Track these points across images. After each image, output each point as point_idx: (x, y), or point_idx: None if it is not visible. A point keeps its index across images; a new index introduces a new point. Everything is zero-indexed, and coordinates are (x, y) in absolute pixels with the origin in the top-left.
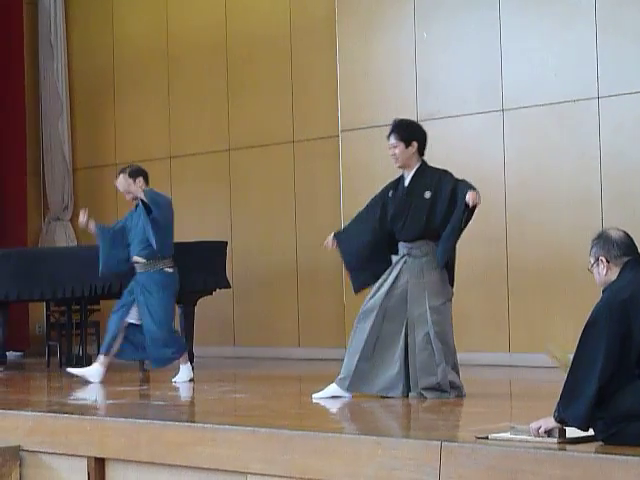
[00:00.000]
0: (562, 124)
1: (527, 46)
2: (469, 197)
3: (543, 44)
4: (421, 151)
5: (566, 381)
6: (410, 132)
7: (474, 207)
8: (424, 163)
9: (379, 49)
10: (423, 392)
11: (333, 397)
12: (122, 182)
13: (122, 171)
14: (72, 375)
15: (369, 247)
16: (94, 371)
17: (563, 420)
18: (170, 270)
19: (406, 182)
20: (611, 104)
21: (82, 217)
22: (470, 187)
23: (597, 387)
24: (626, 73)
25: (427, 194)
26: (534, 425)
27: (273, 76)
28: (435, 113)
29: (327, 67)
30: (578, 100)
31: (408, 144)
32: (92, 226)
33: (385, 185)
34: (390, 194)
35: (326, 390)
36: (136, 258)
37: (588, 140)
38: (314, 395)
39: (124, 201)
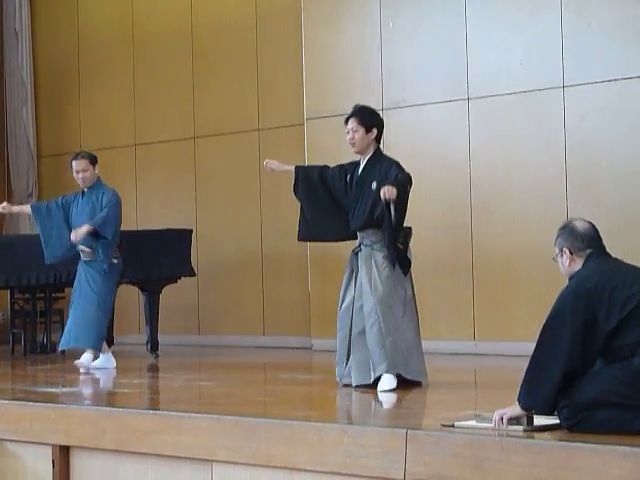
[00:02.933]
0: (527, 113)
1: (493, 35)
2: (382, 192)
3: (508, 33)
4: (378, 139)
5: (529, 367)
6: (371, 119)
7: (399, 201)
8: (378, 150)
9: (345, 38)
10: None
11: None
12: (84, 165)
13: (82, 155)
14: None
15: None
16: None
17: (527, 406)
18: (115, 261)
19: (359, 170)
20: (576, 93)
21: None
22: (393, 182)
23: (561, 374)
24: (591, 62)
25: (373, 185)
26: (500, 412)
27: (239, 64)
28: (400, 102)
29: (293, 55)
30: (544, 89)
31: (369, 130)
32: (15, 208)
33: (344, 165)
34: (348, 178)
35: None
36: (81, 247)
37: (553, 129)
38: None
39: None
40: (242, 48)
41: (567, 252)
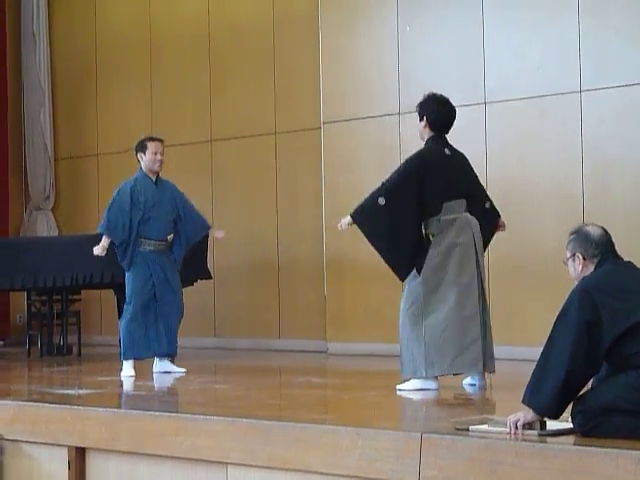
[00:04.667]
0: (544, 117)
1: (510, 39)
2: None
3: (526, 37)
4: (434, 128)
5: (536, 367)
6: (421, 107)
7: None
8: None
9: (362, 42)
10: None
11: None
12: (161, 146)
13: (159, 139)
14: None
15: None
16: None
17: (531, 404)
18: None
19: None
20: (593, 98)
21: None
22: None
23: (564, 374)
24: (608, 67)
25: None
26: (512, 418)
27: (256, 68)
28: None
29: (310, 59)
30: (560, 94)
31: (421, 119)
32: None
33: (413, 163)
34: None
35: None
36: (170, 237)
37: (570, 134)
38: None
39: (105, 191)
40: (259, 52)
41: (580, 257)
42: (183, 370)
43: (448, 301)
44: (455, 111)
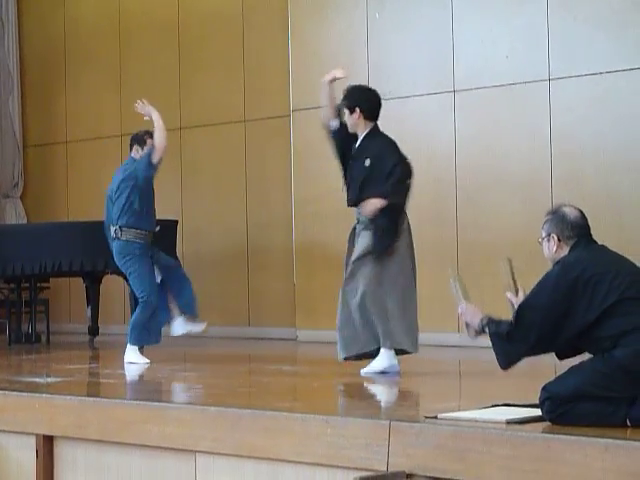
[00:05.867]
0: (513, 106)
1: (479, 28)
2: (363, 209)
3: (494, 26)
4: (369, 117)
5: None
6: (352, 99)
7: (393, 205)
8: (374, 128)
9: (331, 29)
10: None
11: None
12: None
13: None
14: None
15: None
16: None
17: (490, 333)
18: None
19: (355, 146)
20: (561, 86)
21: None
22: (382, 192)
23: (524, 349)
24: (577, 55)
25: (367, 162)
26: (465, 312)
27: (225, 55)
28: (386, 94)
29: (279, 47)
30: (529, 82)
31: (352, 111)
32: None
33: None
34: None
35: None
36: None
37: (539, 122)
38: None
39: (74, 179)
40: (228, 39)
41: (555, 238)
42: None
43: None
44: (380, 97)
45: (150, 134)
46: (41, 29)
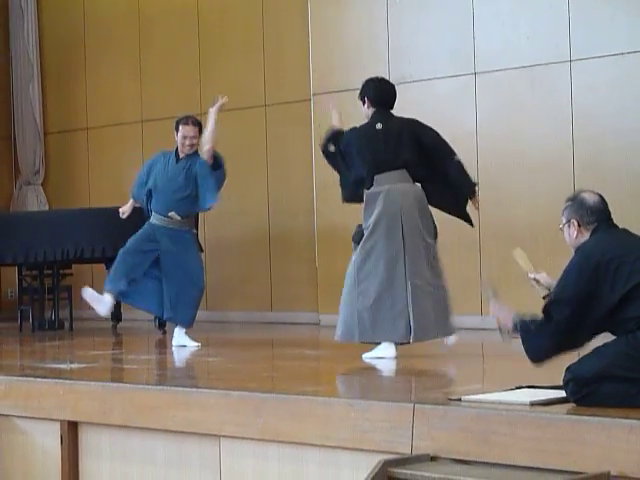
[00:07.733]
0: (534, 87)
1: (499, 9)
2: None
3: (515, 7)
4: (375, 104)
5: (535, 328)
6: (361, 91)
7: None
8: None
9: (351, 12)
10: None
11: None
12: (195, 132)
13: (193, 121)
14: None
15: None
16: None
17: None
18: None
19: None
20: (583, 67)
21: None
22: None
23: (560, 341)
24: (598, 36)
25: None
26: (499, 312)
27: (245, 40)
28: (407, 77)
29: (299, 30)
30: (551, 63)
31: (363, 102)
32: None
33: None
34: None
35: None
36: (172, 214)
37: (560, 103)
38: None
39: (95, 165)
40: (248, 24)
41: (575, 224)
42: (197, 344)
43: (378, 272)
44: (394, 87)
45: (184, 120)
46: (60, 16)
